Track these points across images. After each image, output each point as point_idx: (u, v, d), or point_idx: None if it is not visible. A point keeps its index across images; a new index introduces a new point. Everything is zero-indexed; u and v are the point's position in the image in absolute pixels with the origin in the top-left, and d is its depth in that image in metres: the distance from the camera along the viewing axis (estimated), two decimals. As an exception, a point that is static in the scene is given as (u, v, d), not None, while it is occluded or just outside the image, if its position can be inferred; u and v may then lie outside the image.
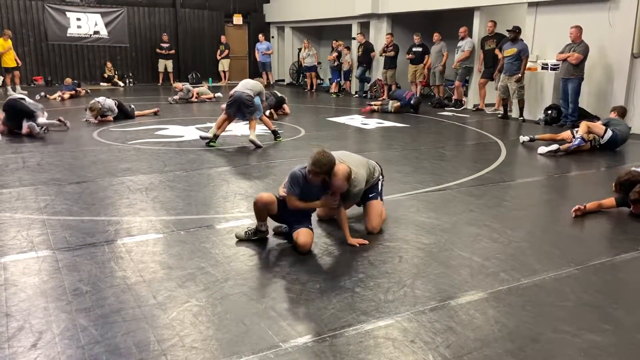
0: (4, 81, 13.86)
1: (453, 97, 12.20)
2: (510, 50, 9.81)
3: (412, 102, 11.07)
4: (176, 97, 12.29)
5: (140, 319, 2.69)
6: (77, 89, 13.23)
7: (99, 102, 9.25)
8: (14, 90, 13.17)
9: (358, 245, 3.71)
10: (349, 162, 3.83)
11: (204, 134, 7.39)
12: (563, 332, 2.64)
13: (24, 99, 8.02)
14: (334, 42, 15.01)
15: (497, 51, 10.57)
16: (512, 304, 2.92)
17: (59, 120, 8.17)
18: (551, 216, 4.70)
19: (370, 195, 4.09)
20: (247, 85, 7.23)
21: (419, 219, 4.35)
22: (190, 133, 8.23)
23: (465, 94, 12.16)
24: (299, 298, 2.97)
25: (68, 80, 13.59)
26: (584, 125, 7.22)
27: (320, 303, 2.90)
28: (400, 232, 4.03)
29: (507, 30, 10.00)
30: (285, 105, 10.57)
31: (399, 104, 11.10)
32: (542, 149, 7.01)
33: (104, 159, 6.37)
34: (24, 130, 7.65)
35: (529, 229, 4.20)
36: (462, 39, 11.54)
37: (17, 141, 7.39)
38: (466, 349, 2.47)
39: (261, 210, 3.70)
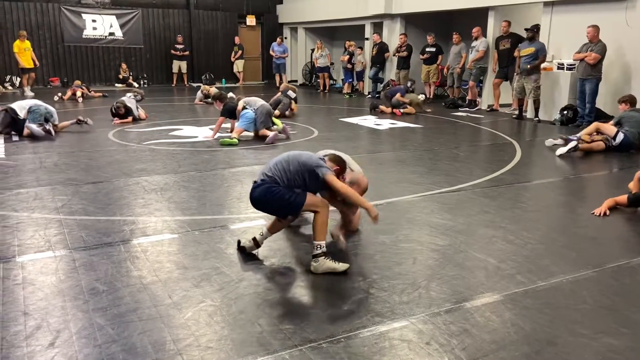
0: (21, 82, 14.04)
1: (467, 98, 12.12)
2: (527, 50, 9.71)
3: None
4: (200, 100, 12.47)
5: (156, 319, 2.71)
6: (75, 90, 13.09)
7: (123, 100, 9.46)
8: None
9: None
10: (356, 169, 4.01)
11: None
12: (580, 336, 2.61)
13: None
14: (347, 42, 15.01)
15: (517, 52, 10.34)
16: (528, 306, 2.89)
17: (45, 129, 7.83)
18: (567, 218, 4.65)
19: None
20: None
21: (433, 220, 4.33)
22: (205, 133, 8.27)
23: (480, 95, 12.08)
24: (314, 299, 2.97)
25: (77, 82, 13.74)
26: (593, 126, 7.13)
27: (334, 304, 2.90)
28: (415, 234, 4.01)
29: (526, 29, 9.91)
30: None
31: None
32: (562, 150, 6.91)
33: (119, 160, 6.44)
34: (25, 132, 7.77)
35: (545, 231, 4.16)
36: (476, 39, 11.47)
37: (34, 142, 7.49)
38: (482, 352, 2.45)
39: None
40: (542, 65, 9.79)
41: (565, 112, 9.48)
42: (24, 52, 13.40)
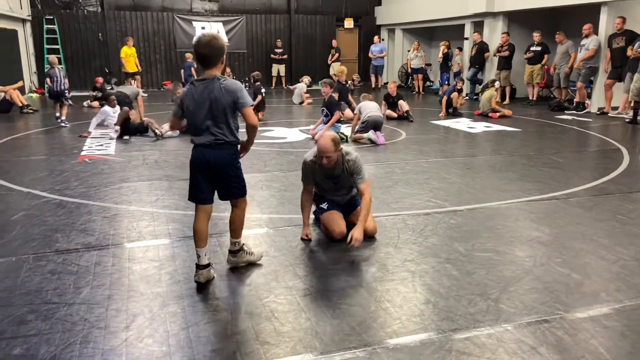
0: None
1: (575, 100, 11.28)
2: None
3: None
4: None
5: (240, 308, 2.89)
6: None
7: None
8: None
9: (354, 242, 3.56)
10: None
11: None
12: (668, 366, 2.34)
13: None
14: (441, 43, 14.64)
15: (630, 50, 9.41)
16: (609, 327, 2.64)
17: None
18: (675, 234, 4.16)
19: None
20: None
21: (515, 229, 4.09)
22: (293, 135, 8.49)
23: (589, 97, 11.19)
24: (383, 304, 2.94)
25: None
26: None
27: (396, 309, 2.86)
28: (492, 243, 3.82)
29: None
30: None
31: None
32: None
33: (212, 158, 6.81)
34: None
35: (644, 247, 3.77)
36: (587, 36, 10.63)
37: (139, 141, 8.16)
38: (547, 373, 2.29)
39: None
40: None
41: (688, 116, 8.49)
42: (129, 58, 14.36)
